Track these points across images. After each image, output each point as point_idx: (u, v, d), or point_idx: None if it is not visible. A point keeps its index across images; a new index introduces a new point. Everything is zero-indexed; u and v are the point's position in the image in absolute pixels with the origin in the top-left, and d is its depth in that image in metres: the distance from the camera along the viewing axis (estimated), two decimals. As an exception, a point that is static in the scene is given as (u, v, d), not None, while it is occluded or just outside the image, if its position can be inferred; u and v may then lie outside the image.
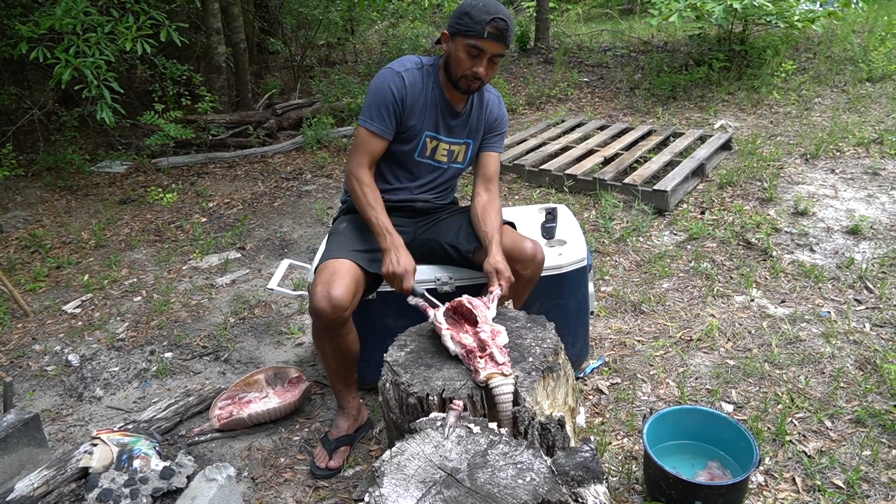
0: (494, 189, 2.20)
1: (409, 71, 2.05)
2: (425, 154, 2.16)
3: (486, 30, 1.89)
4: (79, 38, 3.92)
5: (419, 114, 2.07)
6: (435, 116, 2.10)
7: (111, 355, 2.90)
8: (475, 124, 2.18)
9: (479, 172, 2.22)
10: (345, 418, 2.20)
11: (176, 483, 2.00)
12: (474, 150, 2.24)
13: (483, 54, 1.94)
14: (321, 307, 1.89)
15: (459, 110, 2.13)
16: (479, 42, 1.91)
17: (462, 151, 2.21)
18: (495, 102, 2.22)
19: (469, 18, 1.91)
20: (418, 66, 2.08)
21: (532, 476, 1.34)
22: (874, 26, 7.17)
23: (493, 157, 2.23)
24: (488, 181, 2.20)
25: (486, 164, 2.22)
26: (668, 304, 2.93)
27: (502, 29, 1.90)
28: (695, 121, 5.53)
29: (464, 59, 1.96)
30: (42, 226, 4.49)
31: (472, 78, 1.98)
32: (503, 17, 1.90)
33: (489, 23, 1.88)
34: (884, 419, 2.13)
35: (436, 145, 2.15)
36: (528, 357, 1.71)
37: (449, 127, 2.14)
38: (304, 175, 5.22)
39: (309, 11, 7.77)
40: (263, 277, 3.55)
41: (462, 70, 1.97)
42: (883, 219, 3.52)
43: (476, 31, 1.90)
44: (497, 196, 2.19)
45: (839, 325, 2.66)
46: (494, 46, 1.93)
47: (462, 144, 2.19)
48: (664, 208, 3.84)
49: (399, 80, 2.03)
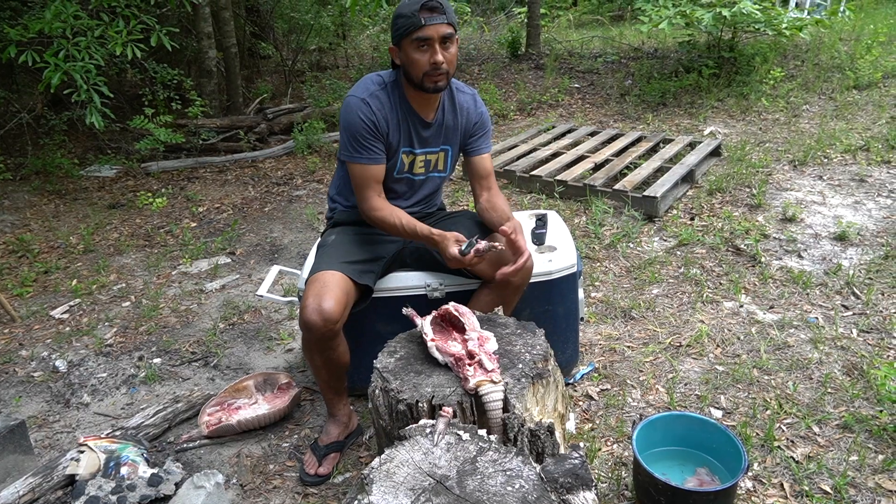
0: (493, 185, 2.19)
1: (372, 95, 1.99)
2: (403, 171, 2.12)
3: (421, 16, 1.83)
4: (68, 42, 3.91)
5: (393, 133, 2.03)
6: (407, 131, 2.06)
7: (99, 361, 2.88)
8: (451, 129, 2.13)
9: (473, 176, 2.20)
10: (335, 425, 2.19)
11: (164, 490, 1.98)
12: (454, 156, 2.20)
13: (431, 41, 1.87)
14: (312, 320, 1.88)
15: (430, 120, 2.08)
16: (420, 32, 1.85)
17: (440, 159, 2.17)
18: (470, 103, 2.15)
19: (402, 18, 1.87)
20: (381, 86, 2.02)
21: (521, 483, 1.34)
22: (860, 35, 7.25)
23: (483, 159, 2.19)
24: (484, 180, 2.18)
25: (478, 167, 2.19)
26: (657, 310, 2.94)
27: (436, 7, 1.84)
28: (684, 127, 5.56)
29: (417, 58, 1.89)
30: (30, 230, 4.45)
31: (434, 72, 1.90)
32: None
33: (420, 9, 1.83)
34: (870, 424, 2.15)
35: (412, 159, 2.12)
36: (518, 363, 1.71)
37: (422, 138, 2.09)
38: (294, 180, 5.21)
39: (300, 16, 7.77)
40: (253, 283, 3.53)
41: (420, 69, 1.90)
42: (870, 225, 3.55)
43: (412, 23, 1.84)
44: (498, 191, 2.18)
45: (827, 330, 2.68)
46: (437, 29, 1.85)
47: (439, 152, 2.16)
48: (654, 214, 3.86)
49: (366, 107, 1.97)
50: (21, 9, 4.89)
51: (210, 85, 6.41)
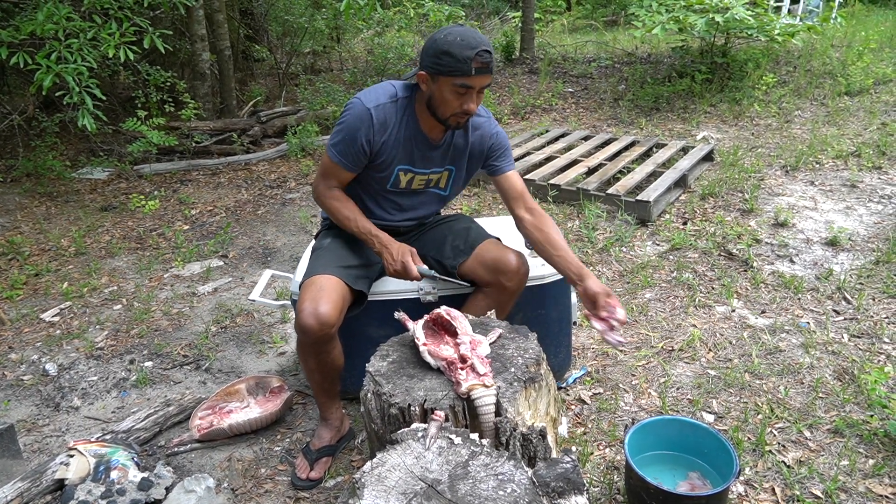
0: (532, 203, 2.07)
1: (380, 107, 1.93)
2: (399, 186, 2.08)
3: (473, 66, 1.77)
4: (60, 44, 3.89)
5: (390, 149, 1.98)
6: (409, 150, 2.01)
7: (90, 364, 2.86)
8: (459, 150, 2.07)
9: (506, 198, 2.09)
10: (327, 429, 2.18)
11: (154, 494, 1.97)
12: (459, 177, 2.15)
13: (472, 90, 1.83)
14: (308, 324, 1.87)
15: (438, 142, 2.02)
16: (467, 80, 1.80)
17: (443, 178, 2.13)
18: (484, 123, 2.07)
19: (451, 58, 1.77)
20: (392, 99, 1.96)
21: (513, 487, 1.34)
22: (852, 41, 7.30)
23: (511, 176, 2.09)
24: (520, 199, 2.06)
25: (509, 187, 2.08)
26: (650, 315, 2.95)
27: (488, 62, 1.79)
28: (677, 132, 5.58)
29: (452, 100, 1.84)
30: (20, 232, 4.43)
31: (463, 115, 1.88)
32: (487, 49, 1.78)
33: (474, 58, 1.76)
34: (861, 429, 2.15)
35: (411, 178, 2.08)
36: (511, 367, 1.71)
37: (426, 158, 2.04)
38: (288, 183, 5.20)
39: (294, 19, 7.76)
40: (246, 286, 3.52)
41: (451, 110, 1.87)
42: (861, 230, 3.57)
43: (462, 70, 1.77)
44: (541, 210, 2.06)
45: (818, 335, 2.69)
46: (483, 80, 1.82)
47: (442, 172, 2.10)
48: (647, 219, 3.87)
49: (368, 120, 1.92)
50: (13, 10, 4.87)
51: (203, 87, 6.39)
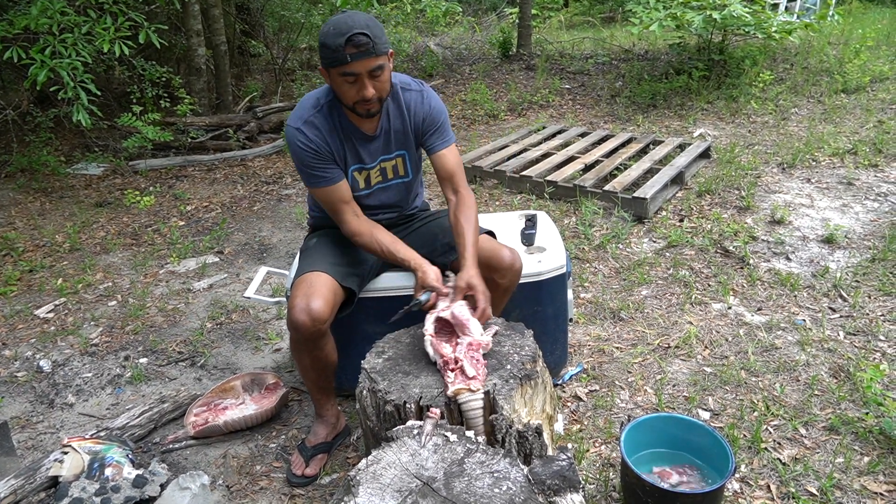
0: (461, 186, 2.04)
1: (307, 122, 1.92)
2: (359, 188, 2.07)
3: (347, 53, 1.73)
4: (55, 39, 3.86)
5: (338, 153, 1.97)
6: (353, 149, 2.00)
7: (84, 361, 2.85)
8: (400, 133, 2.04)
9: (438, 177, 2.08)
10: (322, 426, 2.18)
11: (149, 492, 1.96)
12: (414, 158, 2.13)
13: (359, 76, 1.78)
14: (301, 320, 1.87)
15: (373, 133, 2.00)
16: (346, 68, 1.76)
17: (399, 164, 2.11)
18: (417, 101, 2.03)
19: (326, 49, 1.76)
20: (317, 108, 1.94)
21: (509, 485, 1.34)
22: (849, 39, 7.30)
23: (443, 156, 2.05)
24: (449, 181, 2.05)
25: (441, 165, 2.05)
26: (646, 312, 2.94)
27: (363, 43, 1.73)
28: (674, 129, 5.58)
29: (347, 90, 1.82)
30: (14, 228, 4.40)
31: (364, 102, 1.84)
32: (359, 31, 1.72)
33: (346, 45, 1.72)
34: (856, 427, 2.16)
35: (366, 175, 2.06)
36: (506, 364, 1.70)
37: (370, 151, 2.03)
38: (284, 179, 5.19)
39: (291, 14, 7.74)
40: (242, 282, 3.51)
41: (351, 99, 1.84)
42: (857, 228, 3.57)
43: (338, 58, 1.75)
44: (467, 193, 2.03)
45: (814, 333, 2.69)
46: (364, 64, 1.76)
47: (395, 158, 2.08)
48: (643, 215, 3.87)
49: (302, 136, 1.91)
50: (6, 4, 4.84)
51: (199, 83, 6.36)
